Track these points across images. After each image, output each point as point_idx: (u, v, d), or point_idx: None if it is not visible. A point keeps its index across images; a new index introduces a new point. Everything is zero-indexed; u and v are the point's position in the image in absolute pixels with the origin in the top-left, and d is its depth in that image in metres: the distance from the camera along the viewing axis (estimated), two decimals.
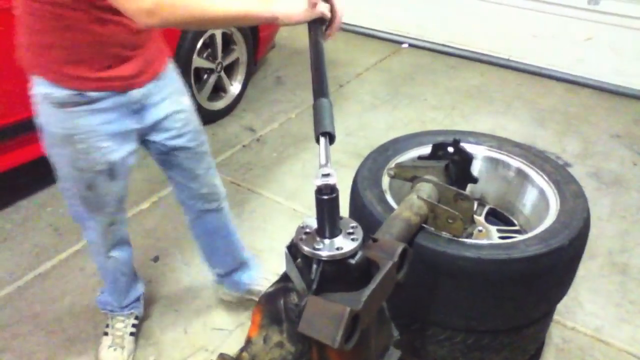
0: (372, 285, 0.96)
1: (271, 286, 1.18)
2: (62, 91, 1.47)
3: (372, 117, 3.78)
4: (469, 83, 4.29)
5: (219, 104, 3.69)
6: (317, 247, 0.99)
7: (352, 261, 1.01)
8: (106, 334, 2.10)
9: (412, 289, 1.49)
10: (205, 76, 3.56)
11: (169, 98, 1.68)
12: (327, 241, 1.00)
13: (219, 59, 3.57)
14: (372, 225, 1.53)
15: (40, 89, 1.49)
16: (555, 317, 2.14)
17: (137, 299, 2.14)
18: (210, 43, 3.49)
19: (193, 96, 3.33)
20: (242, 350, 1.17)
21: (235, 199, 2.88)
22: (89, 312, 2.29)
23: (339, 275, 1.01)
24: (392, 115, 3.82)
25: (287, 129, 3.64)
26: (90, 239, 1.91)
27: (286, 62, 4.54)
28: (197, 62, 3.41)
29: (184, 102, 1.76)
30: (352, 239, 1.01)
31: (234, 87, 3.79)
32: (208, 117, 3.58)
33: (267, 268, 2.33)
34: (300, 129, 3.63)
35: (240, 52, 3.71)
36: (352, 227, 1.04)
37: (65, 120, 1.52)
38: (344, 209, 1.69)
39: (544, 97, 4.10)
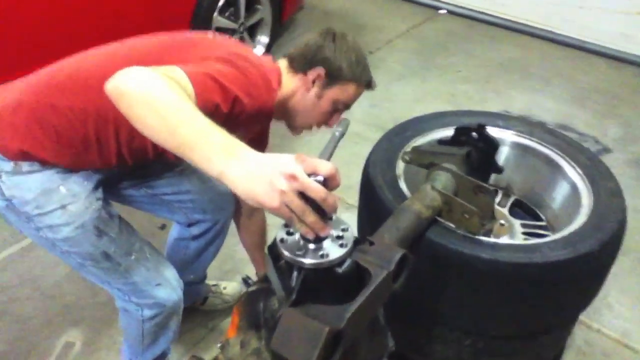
0: (359, 300, 0.82)
1: (254, 284, 1.06)
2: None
3: (400, 88, 3.58)
4: (506, 55, 4.03)
5: None
6: (298, 252, 0.85)
7: (339, 270, 0.87)
8: None
9: (421, 287, 1.36)
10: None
11: None
12: (311, 246, 0.86)
13: (242, 19, 3.41)
14: (381, 213, 1.39)
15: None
16: (580, 317, 1.98)
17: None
18: (233, 1, 3.32)
19: None
20: (220, 347, 1.06)
21: None
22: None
23: (323, 284, 0.87)
24: (421, 87, 3.62)
25: None
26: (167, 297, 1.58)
27: (315, 25, 4.32)
28: (219, 21, 3.26)
29: None
30: (341, 245, 0.87)
31: (257, 50, 3.62)
32: None
33: None
34: None
35: (265, 11, 3.54)
36: (342, 230, 0.89)
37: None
38: (356, 192, 1.56)
39: (586, 74, 3.84)
